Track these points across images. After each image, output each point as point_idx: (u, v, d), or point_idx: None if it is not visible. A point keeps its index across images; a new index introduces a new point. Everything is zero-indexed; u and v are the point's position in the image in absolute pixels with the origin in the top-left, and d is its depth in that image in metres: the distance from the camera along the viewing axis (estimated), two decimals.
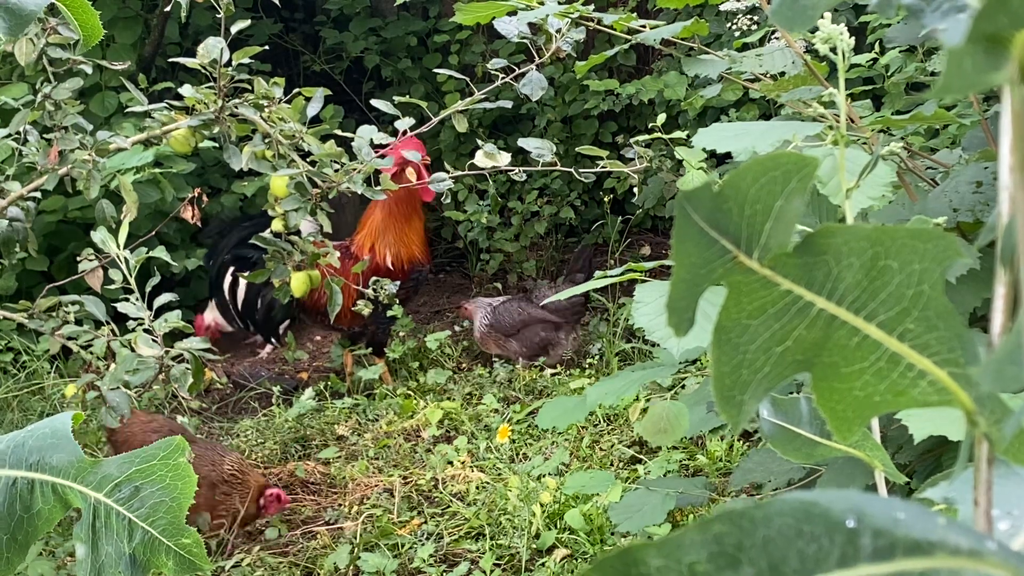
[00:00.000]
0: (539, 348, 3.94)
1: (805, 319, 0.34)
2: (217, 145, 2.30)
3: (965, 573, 0.26)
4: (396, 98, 2.42)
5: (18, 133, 2.32)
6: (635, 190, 2.80)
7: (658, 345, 2.61)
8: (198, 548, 0.67)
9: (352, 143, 2.37)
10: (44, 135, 2.30)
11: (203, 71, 2.22)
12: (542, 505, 2.80)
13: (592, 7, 2.13)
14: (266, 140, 2.27)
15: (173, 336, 2.36)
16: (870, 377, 0.35)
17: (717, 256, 0.32)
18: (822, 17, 1.11)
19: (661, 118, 2.57)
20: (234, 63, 2.20)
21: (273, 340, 4.03)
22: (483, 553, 2.72)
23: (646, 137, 2.58)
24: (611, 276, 1.75)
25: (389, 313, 3.81)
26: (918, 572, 0.26)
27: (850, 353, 0.35)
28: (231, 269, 3.82)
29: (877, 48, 2.73)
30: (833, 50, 1.09)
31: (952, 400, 0.33)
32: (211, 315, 4.23)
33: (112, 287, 2.34)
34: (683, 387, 3.05)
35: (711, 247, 0.32)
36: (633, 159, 2.67)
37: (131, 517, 0.66)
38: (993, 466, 0.32)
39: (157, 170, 3.83)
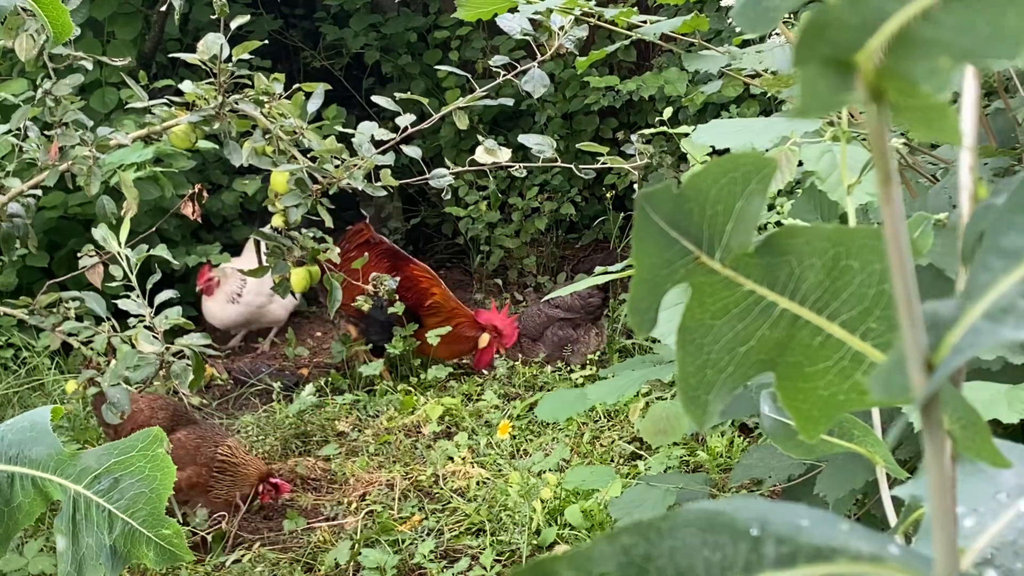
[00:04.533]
0: (558, 347, 3.97)
1: (768, 319, 0.34)
2: (219, 144, 2.30)
3: None
4: (396, 94, 2.43)
5: (18, 129, 2.33)
6: (635, 186, 2.80)
7: (658, 341, 2.61)
8: (178, 539, 0.67)
9: (352, 139, 2.38)
10: (44, 131, 2.30)
11: (203, 67, 2.23)
12: (542, 501, 2.80)
13: (593, 2, 2.13)
14: (266, 136, 2.27)
15: (174, 332, 2.36)
16: (834, 376, 0.35)
17: (678, 257, 0.32)
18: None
19: (667, 112, 2.57)
20: (234, 59, 2.20)
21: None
22: (483, 549, 2.73)
23: (649, 132, 2.58)
24: (611, 272, 1.76)
25: (389, 310, 3.82)
26: None
27: (813, 352, 0.35)
28: None
29: None
30: None
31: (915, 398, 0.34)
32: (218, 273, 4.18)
33: (113, 284, 2.34)
34: None
35: (672, 247, 0.32)
36: (633, 155, 2.68)
37: (111, 508, 0.66)
38: (957, 463, 0.32)
39: (158, 168, 3.83)
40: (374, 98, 2.46)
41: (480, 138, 2.58)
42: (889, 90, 0.25)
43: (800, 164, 1.44)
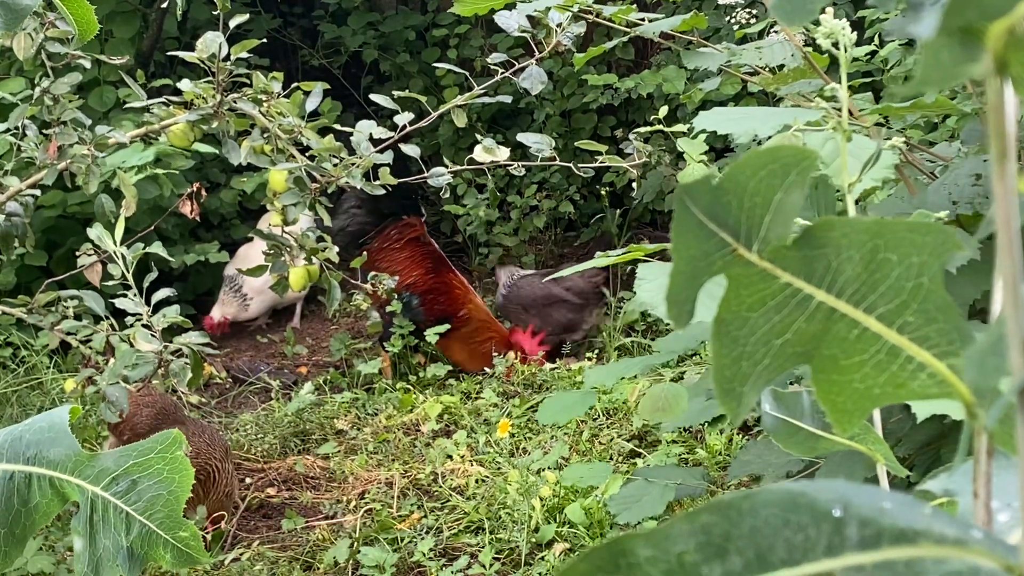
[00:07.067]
0: (563, 328, 4.00)
1: (804, 312, 0.34)
2: (217, 143, 2.30)
3: (950, 561, 0.26)
4: (395, 92, 2.42)
5: (16, 128, 2.32)
6: (634, 184, 2.80)
7: (658, 337, 2.61)
8: (196, 541, 0.67)
9: (351, 137, 2.37)
10: (43, 130, 2.30)
11: (202, 65, 2.22)
12: (542, 499, 2.80)
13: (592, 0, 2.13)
14: (265, 135, 2.26)
15: (173, 331, 2.36)
16: (870, 369, 0.35)
17: (716, 249, 0.32)
18: (823, 11, 1.11)
19: (663, 110, 2.57)
20: (232, 57, 2.19)
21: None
22: (483, 547, 2.72)
23: (646, 130, 2.57)
24: (612, 256, 1.75)
25: (388, 309, 3.81)
26: (904, 561, 0.26)
27: (849, 346, 0.35)
28: None
29: (876, 41, 2.72)
30: (835, 44, 1.09)
31: (952, 392, 0.34)
32: (219, 311, 4.29)
33: (111, 284, 2.34)
34: (682, 377, 3.06)
35: (710, 240, 0.32)
36: (632, 154, 2.67)
37: (128, 510, 0.66)
38: (992, 458, 0.32)
39: (159, 170, 3.82)
40: (372, 96, 2.45)
41: (479, 136, 2.57)
42: (1013, 62, 0.25)
43: None
